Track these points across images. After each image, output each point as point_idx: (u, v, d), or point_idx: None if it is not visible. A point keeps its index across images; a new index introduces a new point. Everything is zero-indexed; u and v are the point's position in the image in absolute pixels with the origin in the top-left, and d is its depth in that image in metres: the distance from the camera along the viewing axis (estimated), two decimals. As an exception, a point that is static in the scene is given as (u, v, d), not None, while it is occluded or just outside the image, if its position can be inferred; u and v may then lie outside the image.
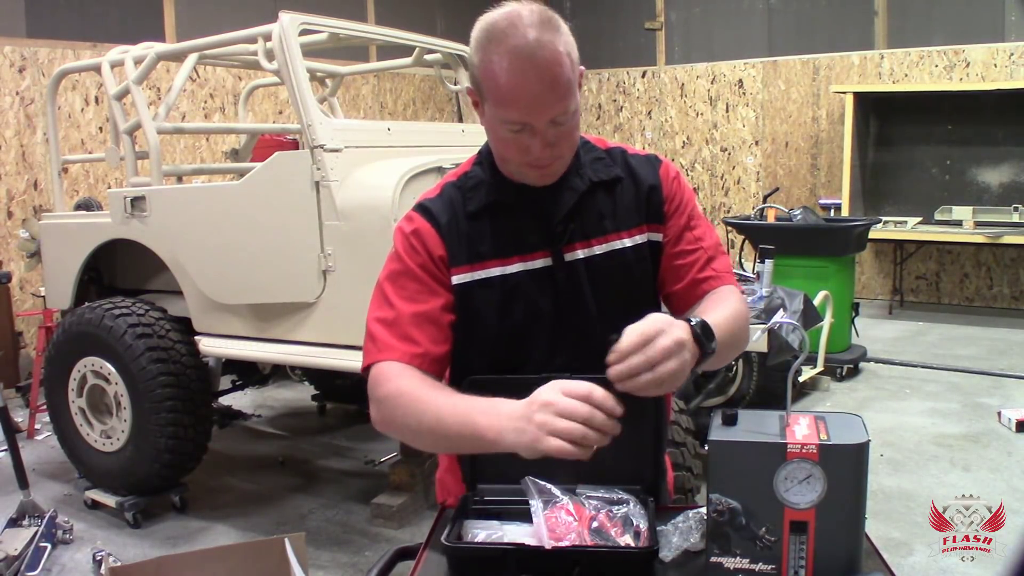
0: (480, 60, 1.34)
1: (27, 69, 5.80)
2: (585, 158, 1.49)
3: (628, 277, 1.48)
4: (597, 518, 1.30)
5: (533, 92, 1.30)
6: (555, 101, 1.32)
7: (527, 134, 1.35)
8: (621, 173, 1.50)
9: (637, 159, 1.54)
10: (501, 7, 1.34)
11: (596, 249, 1.46)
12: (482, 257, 1.45)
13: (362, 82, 8.22)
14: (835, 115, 8.29)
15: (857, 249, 5.86)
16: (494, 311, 1.45)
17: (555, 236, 1.45)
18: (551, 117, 1.33)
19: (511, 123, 1.34)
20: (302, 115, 3.17)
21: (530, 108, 1.32)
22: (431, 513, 3.04)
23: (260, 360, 3.89)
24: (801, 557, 1.19)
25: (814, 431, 1.21)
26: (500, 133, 1.38)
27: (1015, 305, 7.67)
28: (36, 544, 3.21)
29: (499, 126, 1.36)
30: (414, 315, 1.42)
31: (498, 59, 1.30)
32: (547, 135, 1.34)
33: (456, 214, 1.46)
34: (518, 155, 1.38)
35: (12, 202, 5.75)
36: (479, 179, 1.48)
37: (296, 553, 1.84)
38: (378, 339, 1.44)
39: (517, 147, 1.37)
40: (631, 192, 1.50)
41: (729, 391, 4.27)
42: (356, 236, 3.11)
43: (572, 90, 1.33)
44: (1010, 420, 4.47)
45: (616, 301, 1.46)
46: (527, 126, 1.34)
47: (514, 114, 1.33)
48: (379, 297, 1.48)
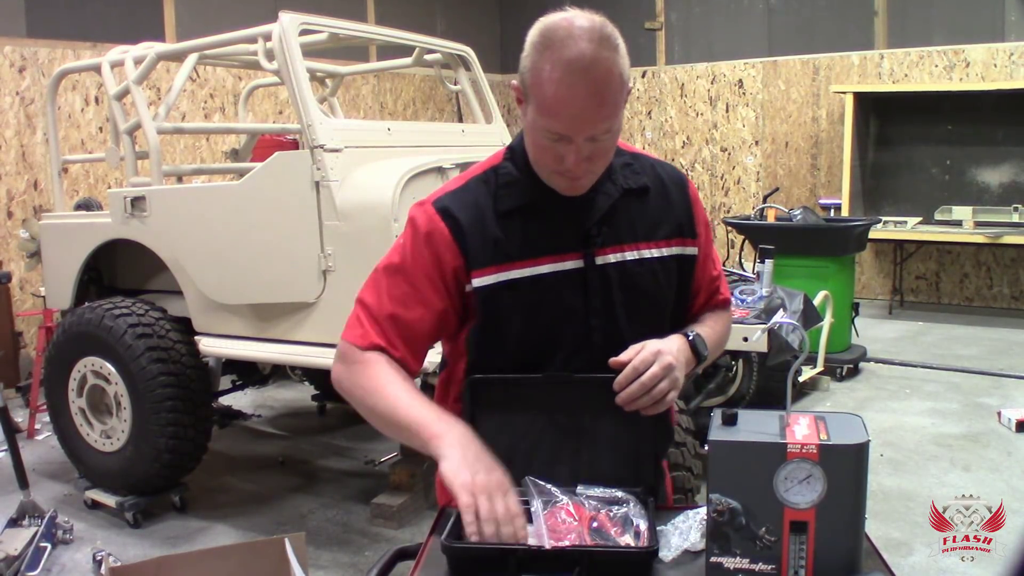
0: (532, 63, 1.33)
1: (27, 69, 5.81)
2: (616, 162, 1.49)
3: (656, 286, 1.50)
4: (597, 518, 1.30)
5: (578, 108, 1.30)
6: (599, 120, 1.31)
7: (564, 144, 1.34)
8: (649, 182, 1.51)
9: (664, 169, 1.56)
10: (563, 12, 1.33)
11: (628, 255, 1.47)
12: (510, 258, 1.43)
13: (362, 82, 8.23)
14: (835, 115, 8.29)
15: (857, 249, 5.86)
16: (521, 312, 1.44)
17: (588, 239, 1.45)
18: (591, 134, 1.33)
19: (550, 132, 1.34)
20: (302, 115, 3.17)
21: (572, 123, 1.31)
22: (431, 513, 3.04)
23: (260, 360, 3.89)
24: (801, 557, 1.19)
25: (814, 431, 1.21)
26: (537, 139, 1.37)
27: (1015, 305, 7.67)
28: (36, 544, 3.21)
29: (538, 132, 1.36)
30: (394, 317, 1.45)
31: (550, 68, 1.29)
32: (583, 149, 1.34)
33: (482, 212, 1.44)
34: (552, 163, 1.38)
35: (12, 202, 5.75)
36: (512, 176, 1.47)
37: (296, 553, 1.84)
38: (364, 324, 1.47)
39: (552, 155, 1.37)
40: (661, 203, 1.52)
41: (729, 391, 4.26)
42: (356, 236, 3.11)
43: (617, 110, 1.33)
44: (1010, 420, 4.47)
45: (642, 307, 1.48)
46: (565, 137, 1.33)
47: (556, 125, 1.32)
48: (373, 283, 1.50)
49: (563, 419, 1.44)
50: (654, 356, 1.35)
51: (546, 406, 1.44)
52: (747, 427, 1.24)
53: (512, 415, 1.44)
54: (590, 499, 1.34)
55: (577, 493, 1.35)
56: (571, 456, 1.43)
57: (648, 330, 1.44)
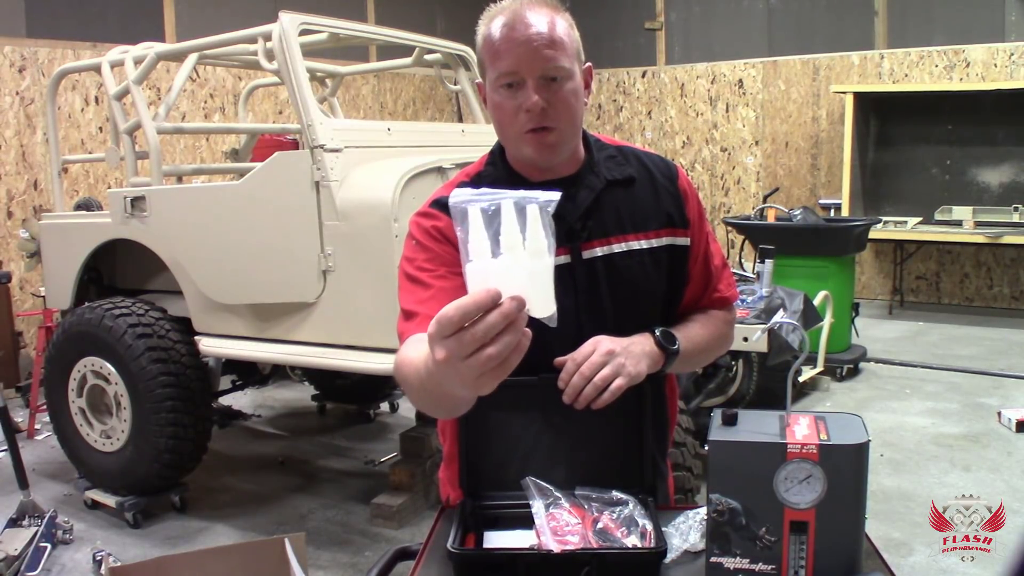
0: (480, 37, 1.39)
1: (27, 69, 5.80)
2: (599, 156, 1.49)
3: (645, 278, 1.49)
4: (601, 520, 1.30)
5: (523, 39, 1.34)
6: (544, 48, 1.34)
7: (520, 91, 1.36)
8: (635, 173, 1.51)
9: (651, 159, 1.55)
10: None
11: (615, 248, 1.47)
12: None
13: (362, 82, 8.23)
14: (835, 115, 8.29)
15: (857, 249, 5.86)
16: None
17: (574, 233, 1.45)
18: (542, 69, 1.35)
19: (504, 76, 1.36)
20: (302, 115, 3.17)
21: (520, 55, 1.34)
22: (431, 513, 3.04)
23: (260, 360, 3.89)
24: (801, 557, 1.19)
25: (814, 431, 1.21)
26: (497, 100, 1.39)
27: (1015, 305, 7.67)
28: (36, 544, 3.21)
29: (496, 91, 1.38)
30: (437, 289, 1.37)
31: (493, 24, 1.37)
32: (540, 91, 1.35)
33: None
34: (514, 119, 1.38)
35: (12, 202, 5.75)
36: (493, 177, 1.48)
37: (296, 553, 1.84)
38: (401, 324, 1.39)
39: (513, 109, 1.37)
40: (649, 193, 1.50)
41: (729, 391, 4.26)
42: (356, 236, 3.11)
43: (565, 48, 1.37)
44: (1010, 420, 4.47)
45: (631, 300, 1.48)
46: (518, 79, 1.35)
47: (505, 65, 1.35)
48: (403, 275, 1.45)
49: (559, 421, 1.44)
50: (593, 346, 1.35)
51: (542, 408, 1.44)
52: (747, 427, 1.24)
53: (508, 418, 1.44)
54: (590, 501, 1.33)
55: (576, 495, 1.34)
56: (568, 457, 1.43)
57: (638, 323, 1.43)
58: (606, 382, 1.32)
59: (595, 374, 1.32)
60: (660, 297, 1.52)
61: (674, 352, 1.43)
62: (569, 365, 1.35)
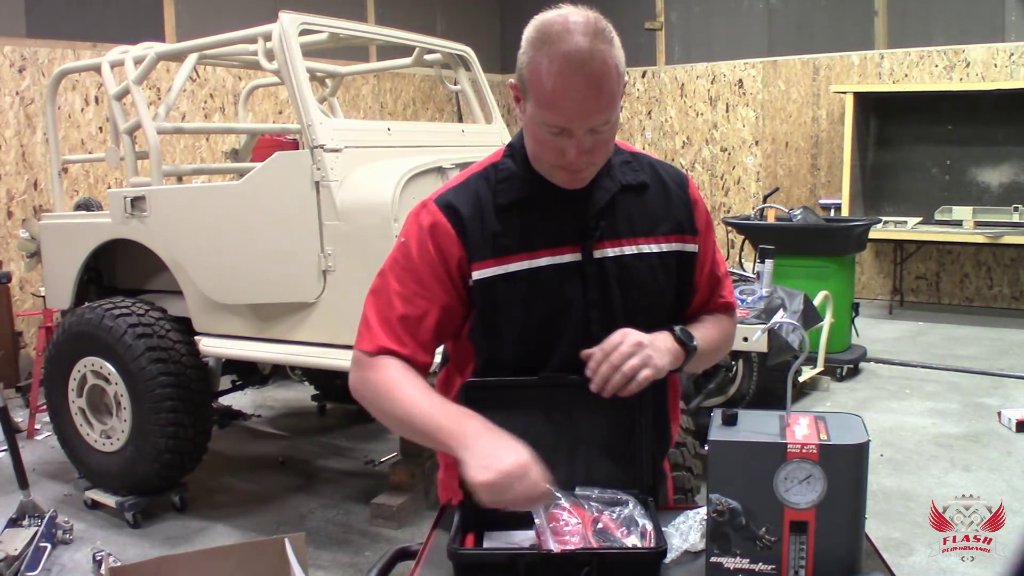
0: (529, 60, 1.35)
1: (27, 69, 5.80)
2: (615, 160, 1.50)
3: (653, 281, 1.50)
4: (601, 519, 1.30)
5: (577, 99, 1.31)
6: (597, 111, 1.33)
7: (564, 137, 1.36)
8: (648, 179, 1.53)
9: (664, 167, 1.57)
10: (557, 9, 1.35)
11: (626, 250, 1.48)
12: (508, 251, 1.45)
13: (362, 82, 8.22)
14: (835, 115, 8.29)
15: (857, 249, 5.86)
16: (520, 304, 1.46)
17: (586, 232, 1.46)
18: (591, 126, 1.35)
19: (551, 126, 1.35)
20: (302, 115, 3.17)
21: (572, 115, 1.33)
22: (431, 513, 3.04)
23: (260, 360, 3.89)
24: (801, 557, 1.19)
25: (814, 431, 1.22)
26: (538, 134, 1.39)
27: (1015, 305, 7.67)
28: (36, 544, 3.21)
29: (538, 127, 1.37)
30: (404, 317, 1.46)
31: (547, 63, 1.31)
32: (584, 141, 1.36)
33: (482, 206, 1.46)
34: (553, 157, 1.40)
35: (12, 202, 5.75)
36: (511, 172, 1.48)
37: (296, 553, 1.84)
38: (372, 328, 1.48)
39: (553, 149, 1.38)
40: (660, 200, 1.52)
41: (729, 391, 4.27)
42: (356, 236, 3.11)
43: (615, 102, 1.35)
44: (1010, 420, 4.47)
45: (640, 302, 1.49)
46: (566, 130, 1.35)
47: (555, 118, 1.34)
48: (380, 285, 1.50)
49: (560, 420, 1.44)
50: (621, 337, 1.38)
51: (542, 408, 1.44)
52: (747, 427, 1.24)
53: (508, 418, 1.44)
54: (590, 501, 1.33)
55: (576, 494, 1.34)
56: (568, 458, 1.43)
57: (646, 325, 1.44)
58: (634, 372, 1.35)
59: (624, 363, 1.35)
60: (668, 300, 1.54)
61: (693, 348, 1.46)
62: (597, 354, 1.37)
